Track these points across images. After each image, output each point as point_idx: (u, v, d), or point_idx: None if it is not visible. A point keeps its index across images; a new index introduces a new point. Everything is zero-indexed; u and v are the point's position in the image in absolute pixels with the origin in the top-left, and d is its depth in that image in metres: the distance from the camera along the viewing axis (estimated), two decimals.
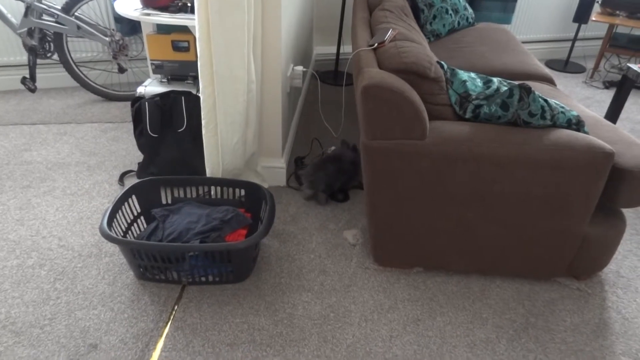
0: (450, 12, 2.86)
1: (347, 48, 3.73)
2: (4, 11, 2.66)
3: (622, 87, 2.38)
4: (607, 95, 3.46)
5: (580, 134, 1.50)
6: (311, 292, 1.68)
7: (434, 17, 2.80)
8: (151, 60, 2.22)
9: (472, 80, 1.69)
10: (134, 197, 1.83)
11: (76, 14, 2.72)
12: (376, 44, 1.74)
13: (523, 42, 4.05)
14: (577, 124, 1.58)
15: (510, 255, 1.68)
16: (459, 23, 2.95)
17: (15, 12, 2.80)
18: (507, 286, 1.73)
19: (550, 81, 2.36)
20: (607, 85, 3.63)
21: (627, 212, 2.15)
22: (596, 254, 1.67)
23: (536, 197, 1.53)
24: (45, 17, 2.69)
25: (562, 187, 1.50)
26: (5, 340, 1.45)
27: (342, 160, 2.10)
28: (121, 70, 2.98)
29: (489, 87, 1.64)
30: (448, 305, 1.65)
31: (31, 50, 2.75)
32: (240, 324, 1.54)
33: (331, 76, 3.54)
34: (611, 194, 1.55)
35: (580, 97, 3.42)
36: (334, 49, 3.73)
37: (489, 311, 1.63)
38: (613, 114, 2.45)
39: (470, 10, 3.04)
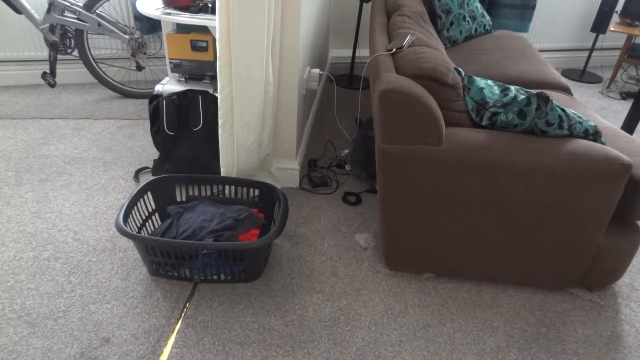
0: (467, 19, 2.86)
1: (362, 52, 3.74)
2: (28, 7, 2.71)
3: None
4: (624, 106, 3.43)
5: (598, 145, 1.49)
6: (322, 294, 1.68)
7: (451, 23, 2.80)
8: (170, 59, 2.25)
9: (490, 88, 1.69)
10: (149, 193, 1.85)
11: (97, 11, 2.77)
12: (394, 49, 1.75)
13: (540, 51, 4.02)
14: (594, 135, 1.57)
15: (522, 264, 1.67)
16: (476, 30, 2.94)
17: (38, 8, 2.86)
18: (519, 295, 1.72)
19: (567, 90, 2.35)
20: (624, 96, 3.59)
21: None
22: (610, 265, 1.65)
23: (551, 207, 1.52)
24: (67, 13, 2.74)
25: (578, 197, 1.49)
26: (20, 330, 1.48)
27: (370, 138, 2.27)
28: (139, 68, 3.01)
29: (506, 95, 1.64)
30: (458, 312, 1.64)
31: (52, 46, 2.80)
32: (251, 324, 1.55)
33: (346, 79, 3.55)
34: (627, 205, 1.54)
35: (596, 108, 3.39)
36: (349, 53, 3.75)
37: (500, 319, 1.62)
38: (630, 125, 2.43)
39: (487, 17, 3.03)
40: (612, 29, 3.57)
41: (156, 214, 1.89)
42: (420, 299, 1.69)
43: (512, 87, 1.68)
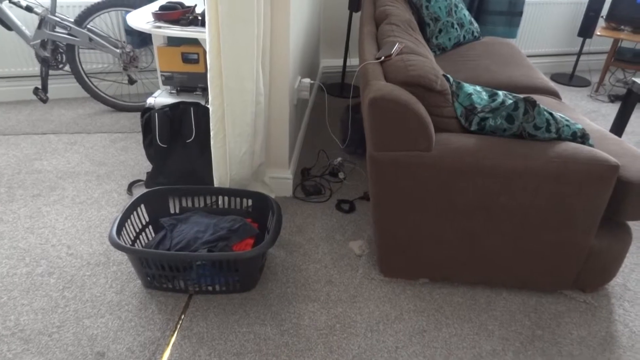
0: (455, 26, 2.90)
1: (353, 61, 3.78)
2: (18, 23, 2.72)
3: (628, 101, 2.39)
4: (613, 109, 3.47)
5: (585, 147, 1.51)
6: (317, 302, 1.68)
7: (440, 31, 2.83)
8: (161, 71, 2.26)
9: (478, 93, 1.71)
10: (142, 206, 1.85)
11: (88, 26, 2.78)
12: (383, 57, 1.77)
13: (528, 56, 4.08)
14: (582, 137, 1.59)
15: (515, 267, 1.68)
16: (464, 37, 2.98)
17: (28, 24, 2.87)
18: (513, 298, 1.73)
19: (555, 95, 2.38)
20: (613, 99, 3.64)
21: (634, 225, 2.14)
22: (602, 266, 1.67)
23: (541, 209, 1.53)
24: (58, 29, 2.75)
25: (567, 199, 1.50)
26: (14, 347, 1.47)
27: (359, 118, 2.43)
28: (131, 81, 3.03)
29: (494, 100, 1.66)
30: (454, 316, 1.65)
31: (44, 62, 2.81)
32: (247, 334, 1.55)
33: (338, 88, 3.57)
34: (617, 206, 1.55)
35: (585, 111, 3.44)
36: (340, 62, 3.78)
37: (495, 323, 1.63)
38: (618, 127, 2.46)
39: (475, 24, 3.08)
40: (598, 33, 3.63)
41: (150, 227, 1.89)
42: (416, 304, 1.69)
43: (500, 93, 1.71)
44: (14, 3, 2.67)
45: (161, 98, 2.27)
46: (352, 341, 1.54)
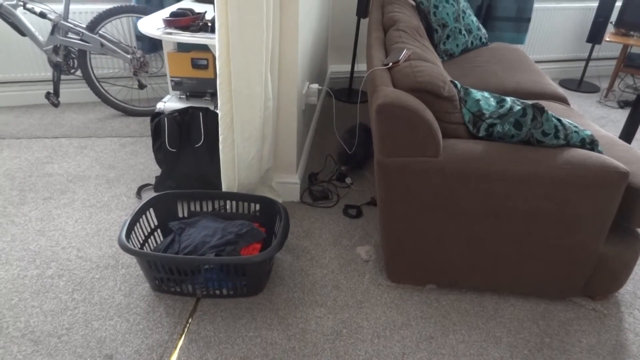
0: (463, 32, 2.90)
1: (361, 66, 3.79)
2: (32, 29, 2.77)
3: (637, 107, 2.38)
4: (622, 115, 3.45)
5: (594, 154, 1.50)
6: (324, 307, 1.68)
7: (448, 37, 2.84)
8: (171, 77, 2.29)
9: (486, 100, 1.71)
10: (151, 210, 1.87)
11: (100, 32, 2.82)
12: (391, 64, 1.78)
13: (536, 62, 4.06)
14: (591, 144, 1.59)
15: (524, 273, 1.67)
16: (472, 43, 2.98)
17: (42, 30, 2.91)
18: (522, 305, 1.72)
19: (564, 101, 2.37)
20: (622, 104, 3.61)
21: None
22: (612, 274, 1.65)
23: (549, 216, 1.53)
24: (70, 35, 2.79)
25: (576, 206, 1.50)
26: (24, 348, 1.48)
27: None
28: (141, 86, 3.06)
29: (502, 106, 1.66)
30: (461, 323, 1.64)
31: (56, 67, 2.85)
32: (254, 338, 1.55)
33: (345, 94, 3.58)
34: (627, 214, 1.54)
35: (594, 117, 3.41)
36: (348, 67, 3.79)
37: (503, 330, 1.62)
38: (628, 133, 2.45)
39: (483, 30, 3.08)
40: (607, 39, 3.61)
41: (158, 230, 1.90)
42: (423, 310, 1.69)
43: (508, 99, 1.71)
44: (29, 9, 2.71)
45: (171, 103, 2.29)
46: (359, 347, 1.54)
